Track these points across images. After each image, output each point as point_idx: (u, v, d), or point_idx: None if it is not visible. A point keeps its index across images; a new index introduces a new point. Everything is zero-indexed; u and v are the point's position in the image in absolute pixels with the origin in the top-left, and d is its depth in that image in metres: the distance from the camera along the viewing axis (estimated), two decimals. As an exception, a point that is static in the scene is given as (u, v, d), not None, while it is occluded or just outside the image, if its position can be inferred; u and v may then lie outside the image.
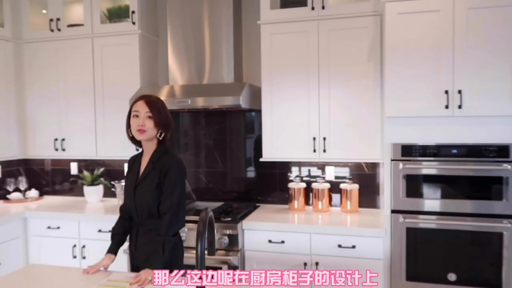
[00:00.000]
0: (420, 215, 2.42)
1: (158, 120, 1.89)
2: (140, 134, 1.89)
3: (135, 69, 3.17)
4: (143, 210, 1.91)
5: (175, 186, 1.88)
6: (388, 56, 2.45)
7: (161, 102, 1.97)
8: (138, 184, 1.94)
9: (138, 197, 1.92)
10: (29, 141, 3.48)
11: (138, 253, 1.93)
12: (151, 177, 1.91)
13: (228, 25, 2.98)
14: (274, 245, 2.65)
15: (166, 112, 1.95)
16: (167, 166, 1.89)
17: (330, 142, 2.81)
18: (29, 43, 3.42)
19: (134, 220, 1.99)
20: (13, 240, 3.06)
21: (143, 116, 1.88)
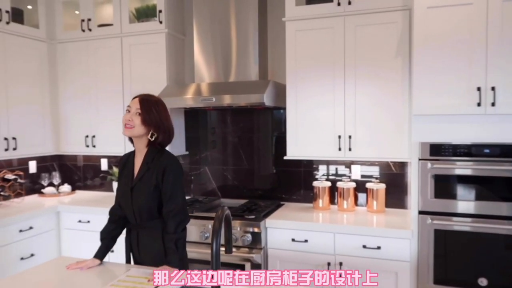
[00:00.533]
0: (449, 217, 2.33)
1: (146, 118, 1.83)
2: (126, 129, 1.85)
3: (162, 67, 3.22)
4: (142, 212, 1.89)
5: (175, 185, 1.86)
6: (417, 51, 2.37)
7: (160, 104, 1.91)
8: (134, 186, 1.89)
9: (135, 199, 1.88)
10: (62, 137, 3.61)
11: (142, 255, 1.92)
12: (148, 178, 1.87)
13: (254, 22, 2.97)
14: (297, 244, 2.63)
15: (161, 113, 1.88)
16: (164, 165, 1.86)
17: (356, 140, 2.75)
18: (62, 43, 3.54)
19: (131, 223, 1.96)
20: (47, 232, 3.19)
21: (133, 112, 1.86)
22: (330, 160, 3.10)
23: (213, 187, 3.45)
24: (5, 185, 3.34)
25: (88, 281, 1.73)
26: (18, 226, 2.94)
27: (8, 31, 3.16)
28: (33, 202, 3.38)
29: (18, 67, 3.26)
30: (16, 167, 3.52)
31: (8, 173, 3.39)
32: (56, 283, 1.71)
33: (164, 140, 1.91)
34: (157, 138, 1.88)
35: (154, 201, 1.87)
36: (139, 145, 1.92)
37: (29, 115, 3.36)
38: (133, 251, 1.99)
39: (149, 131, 1.86)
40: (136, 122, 1.84)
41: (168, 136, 1.93)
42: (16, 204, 3.29)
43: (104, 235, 1.99)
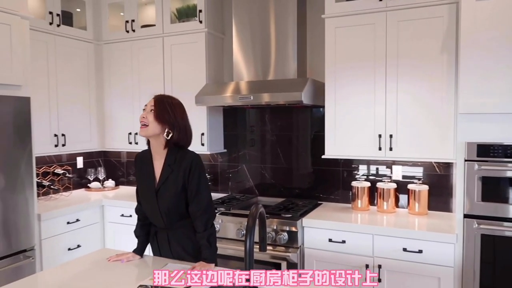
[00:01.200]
0: (498, 222, 2.20)
1: (159, 114, 1.80)
2: (141, 129, 1.84)
3: (201, 66, 3.27)
4: (171, 214, 1.88)
5: (200, 182, 1.86)
6: (464, 47, 2.25)
7: (175, 103, 1.88)
8: (159, 189, 1.87)
9: (162, 202, 1.87)
10: (107, 134, 3.77)
11: (177, 256, 1.93)
12: (173, 179, 1.85)
13: (293, 20, 2.95)
14: (335, 244, 2.59)
15: (175, 111, 1.85)
16: (188, 164, 1.84)
17: (397, 139, 2.66)
18: (108, 43, 3.69)
19: (158, 226, 1.96)
20: (92, 225, 3.34)
21: (147, 109, 1.86)
22: (370, 160, 3.02)
23: (251, 185, 3.47)
24: (55, 179, 3.53)
25: (128, 273, 1.79)
26: (66, 218, 3.10)
27: (58, 33, 3.33)
28: (80, 196, 3.55)
29: (67, 67, 3.43)
30: (65, 162, 3.71)
31: (58, 168, 3.58)
32: (99, 273, 1.78)
33: (180, 139, 1.86)
34: (173, 137, 1.84)
35: (182, 201, 1.87)
36: (157, 147, 1.88)
37: (77, 113, 3.53)
38: (161, 252, 1.99)
39: (164, 130, 1.83)
40: (150, 119, 1.82)
41: (185, 135, 1.88)
42: (64, 198, 3.47)
43: (137, 233, 2.04)
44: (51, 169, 3.53)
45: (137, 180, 2.03)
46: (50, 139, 3.27)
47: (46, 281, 1.74)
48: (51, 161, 3.58)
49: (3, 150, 2.59)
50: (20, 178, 2.71)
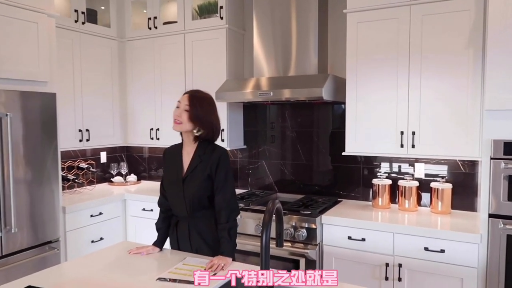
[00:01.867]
0: (524, 222, 2.13)
1: (193, 114, 1.89)
2: (175, 125, 1.93)
3: (222, 62, 3.28)
4: (194, 202, 1.93)
5: (226, 176, 1.92)
6: (492, 41, 2.17)
7: (208, 100, 1.96)
8: (186, 177, 1.94)
9: (187, 190, 1.94)
10: (130, 130, 3.84)
11: (196, 246, 1.97)
12: (201, 169, 1.92)
13: (314, 15, 2.92)
14: (354, 242, 2.56)
15: (206, 110, 1.92)
16: (217, 158, 1.91)
17: (419, 136, 2.61)
18: (131, 40, 3.75)
19: (180, 216, 2.00)
20: (115, 218, 3.41)
21: (182, 108, 1.92)
22: (391, 157, 2.97)
23: (270, 182, 3.47)
24: (79, 173, 3.62)
25: (148, 266, 1.82)
26: (90, 211, 3.17)
27: (83, 30, 3.41)
28: (103, 190, 3.64)
29: (91, 64, 3.50)
30: (89, 157, 3.80)
31: (82, 162, 3.67)
32: (119, 265, 1.82)
33: (208, 135, 1.94)
34: (201, 134, 1.93)
35: (205, 191, 1.93)
36: (187, 139, 1.98)
37: (100, 108, 3.60)
38: (180, 244, 2.02)
39: (195, 126, 1.91)
40: (184, 118, 1.90)
41: (211, 132, 1.95)
42: (88, 191, 3.55)
43: (159, 225, 2.08)
44: (76, 163, 3.62)
45: (164, 171, 2.11)
46: (74, 134, 3.36)
47: (69, 271, 1.79)
48: (76, 156, 3.68)
49: (31, 145, 2.68)
50: (47, 171, 2.80)
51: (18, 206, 2.59)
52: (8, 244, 2.55)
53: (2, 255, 2.52)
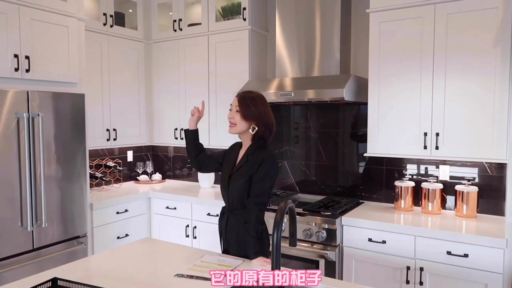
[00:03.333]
0: (553, 228, 2.05)
1: (244, 113, 1.94)
2: (230, 128, 2.00)
3: (244, 63, 3.32)
4: (234, 199, 2.00)
5: (265, 179, 1.92)
6: (519, 40, 2.11)
7: (258, 98, 1.98)
8: (232, 175, 2.02)
9: (231, 186, 2.01)
10: (155, 129, 3.93)
11: (228, 238, 2.04)
12: (245, 169, 1.97)
13: (337, 15, 2.91)
14: (375, 244, 2.53)
15: (259, 107, 1.95)
16: (261, 159, 1.93)
17: (443, 138, 2.55)
18: (157, 42, 3.84)
19: (224, 208, 2.10)
20: (140, 215, 3.51)
21: (233, 109, 1.98)
22: (415, 159, 2.91)
23: (292, 182, 3.47)
24: (106, 171, 3.75)
25: (167, 262, 1.88)
26: (116, 208, 3.28)
27: (111, 33, 3.53)
28: (129, 188, 3.75)
29: (119, 66, 3.62)
30: (116, 156, 3.92)
31: (109, 161, 3.79)
32: (141, 260, 1.88)
33: (264, 133, 1.98)
34: (258, 132, 1.96)
35: (246, 191, 1.96)
36: (244, 140, 2.05)
37: (127, 108, 3.72)
38: (221, 232, 2.12)
39: (250, 126, 1.96)
40: (237, 118, 1.96)
41: (268, 129, 1.99)
42: (115, 189, 3.67)
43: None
44: (103, 161, 3.75)
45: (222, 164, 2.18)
46: (102, 133, 3.48)
47: (94, 265, 1.87)
48: (104, 154, 3.80)
49: (61, 144, 2.80)
50: (76, 169, 2.91)
51: (49, 202, 2.71)
52: (39, 238, 2.68)
53: (33, 248, 2.65)
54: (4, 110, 2.48)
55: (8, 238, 2.51)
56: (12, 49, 2.55)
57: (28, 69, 2.62)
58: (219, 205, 2.31)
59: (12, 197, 2.53)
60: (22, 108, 2.56)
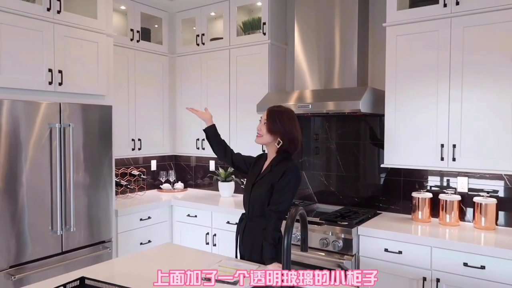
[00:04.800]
0: None
1: (271, 127, 2.06)
2: (257, 137, 2.13)
3: (264, 76, 3.42)
4: (254, 206, 2.10)
5: (286, 189, 2.01)
6: (534, 53, 2.12)
7: (286, 113, 2.09)
8: (255, 183, 2.13)
9: (253, 194, 2.11)
10: (178, 140, 4.07)
11: (244, 244, 2.13)
12: (268, 178, 2.07)
13: (353, 29, 2.98)
14: (391, 254, 2.55)
15: (285, 122, 2.06)
16: (284, 169, 2.02)
17: (460, 149, 2.56)
18: (180, 56, 4.00)
19: (244, 214, 2.19)
20: (162, 223, 3.64)
21: (262, 122, 2.11)
22: (433, 170, 2.92)
23: (310, 192, 3.52)
24: (131, 180, 3.90)
25: (187, 265, 1.97)
26: (139, 215, 3.41)
27: (138, 48, 3.71)
28: (152, 196, 3.88)
29: (144, 78, 3.79)
30: (140, 165, 4.08)
31: (134, 169, 3.95)
32: (162, 263, 1.98)
33: (289, 147, 2.08)
34: (282, 146, 2.07)
35: (266, 199, 2.05)
36: (269, 151, 2.16)
37: (152, 119, 3.87)
38: (238, 237, 2.21)
39: (276, 139, 2.07)
40: (263, 130, 2.09)
41: (293, 144, 2.08)
42: (139, 196, 3.82)
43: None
44: (129, 170, 3.91)
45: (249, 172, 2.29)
46: (128, 143, 3.64)
47: (119, 266, 1.98)
48: (129, 163, 3.96)
49: (89, 153, 2.95)
50: (102, 177, 3.06)
51: (77, 207, 2.86)
52: (68, 242, 2.82)
53: (62, 251, 2.79)
54: (39, 121, 2.65)
55: (40, 241, 2.67)
56: (46, 64, 2.74)
57: (60, 82, 2.80)
58: (239, 213, 2.40)
59: (44, 203, 2.69)
60: (55, 119, 2.73)
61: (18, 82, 2.60)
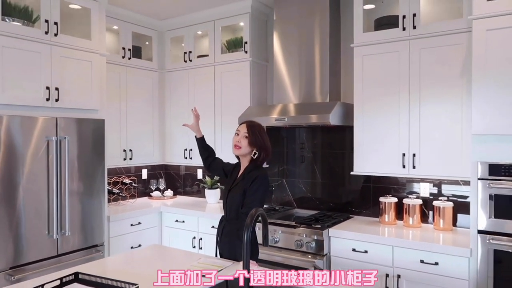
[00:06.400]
0: (509, 237, 2.31)
1: (252, 140, 2.32)
2: (235, 149, 2.37)
3: (246, 90, 3.70)
4: (231, 210, 2.35)
5: (256, 193, 2.27)
6: (476, 73, 2.42)
7: (261, 128, 2.38)
8: (231, 189, 2.39)
9: (229, 199, 2.38)
10: (167, 150, 4.33)
11: (222, 243, 2.38)
12: (241, 185, 2.33)
13: (325, 50, 3.27)
14: (358, 253, 2.82)
15: (263, 137, 2.34)
16: (255, 176, 2.29)
17: (420, 158, 2.85)
18: (169, 72, 4.28)
19: (223, 216, 2.45)
20: (152, 228, 3.88)
21: (241, 135, 2.35)
22: (398, 177, 3.20)
23: (290, 198, 3.79)
24: (123, 188, 4.14)
25: (170, 263, 2.22)
26: (130, 221, 3.65)
27: (130, 65, 3.98)
28: (143, 203, 4.13)
29: (135, 93, 4.05)
30: (132, 174, 4.32)
31: (126, 178, 4.19)
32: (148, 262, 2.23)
33: (264, 157, 2.35)
34: (258, 157, 2.32)
35: (240, 203, 2.30)
36: (243, 161, 2.40)
37: (142, 131, 4.13)
38: (218, 238, 2.45)
39: (252, 150, 2.32)
40: (244, 143, 2.32)
41: (266, 154, 2.36)
42: (130, 204, 4.06)
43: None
44: (121, 179, 4.15)
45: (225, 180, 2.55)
46: (120, 153, 3.89)
47: (110, 264, 2.22)
48: (121, 172, 4.21)
49: (83, 163, 3.20)
50: (96, 186, 3.31)
51: (71, 213, 3.10)
52: (63, 245, 3.06)
53: (57, 254, 3.03)
54: (37, 134, 2.90)
55: (37, 244, 2.90)
56: (44, 82, 3.00)
57: (57, 98, 3.06)
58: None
59: (41, 209, 2.93)
60: (51, 132, 2.99)
61: (18, 99, 2.86)
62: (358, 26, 3.08)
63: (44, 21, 2.99)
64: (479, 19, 2.40)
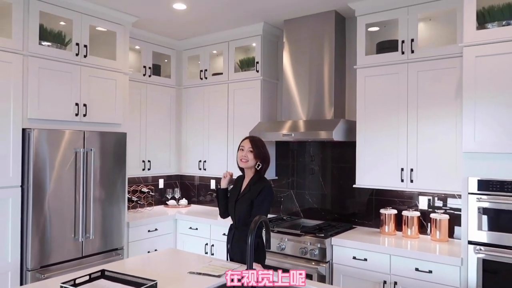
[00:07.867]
0: (497, 248, 2.48)
1: (256, 153, 2.59)
2: (243, 163, 2.63)
3: (256, 107, 3.97)
4: (240, 218, 2.60)
5: (262, 202, 2.53)
6: (466, 95, 2.63)
7: (262, 142, 2.67)
8: (238, 200, 2.64)
9: (237, 209, 2.62)
10: (183, 161, 4.61)
11: (233, 249, 2.61)
12: (248, 195, 2.59)
13: (330, 71, 3.51)
14: (358, 261, 3.02)
15: (265, 150, 2.64)
16: (261, 188, 2.55)
17: (417, 173, 3.04)
18: (186, 88, 4.58)
19: (232, 224, 2.69)
20: (167, 234, 4.14)
21: (246, 150, 2.61)
22: (398, 190, 3.40)
23: (297, 209, 4.01)
24: (141, 196, 4.43)
25: (184, 264, 2.46)
26: (147, 227, 3.93)
27: (149, 82, 4.29)
28: (159, 211, 4.40)
29: (154, 108, 4.36)
30: (149, 183, 4.61)
31: (144, 187, 4.48)
32: (164, 263, 2.48)
33: (265, 168, 2.63)
34: (262, 168, 2.60)
35: (248, 212, 2.56)
36: (248, 172, 2.66)
37: (160, 143, 4.43)
38: (228, 244, 2.69)
39: (256, 163, 2.59)
40: (250, 157, 2.58)
41: (267, 165, 2.65)
42: (147, 211, 4.34)
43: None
44: (139, 188, 4.44)
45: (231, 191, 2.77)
46: (139, 164, 4.18)
47: (130, 264, 2.48)
48: (139, 182, 4.50)
49: (106, 172, 3.50)
50: (116, 193, 3.60)
51: (95, 219, 3.39)
52: (87, 248, 3.34)
53: (82, 256, 3.31)
54: (66, 146, 3.21)
55: (64, 246, 3.19)
56: (74, 99, 3.32)
57: (85, 114, 3.38)
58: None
59: (68, 214, 3.22)
60: (79, 144, 3.29)
61: (51, 114, 3.18)
62: (361, 49, 3.32)
63: (75, 44, 3.32)
64: (469, 46, 2.62)
